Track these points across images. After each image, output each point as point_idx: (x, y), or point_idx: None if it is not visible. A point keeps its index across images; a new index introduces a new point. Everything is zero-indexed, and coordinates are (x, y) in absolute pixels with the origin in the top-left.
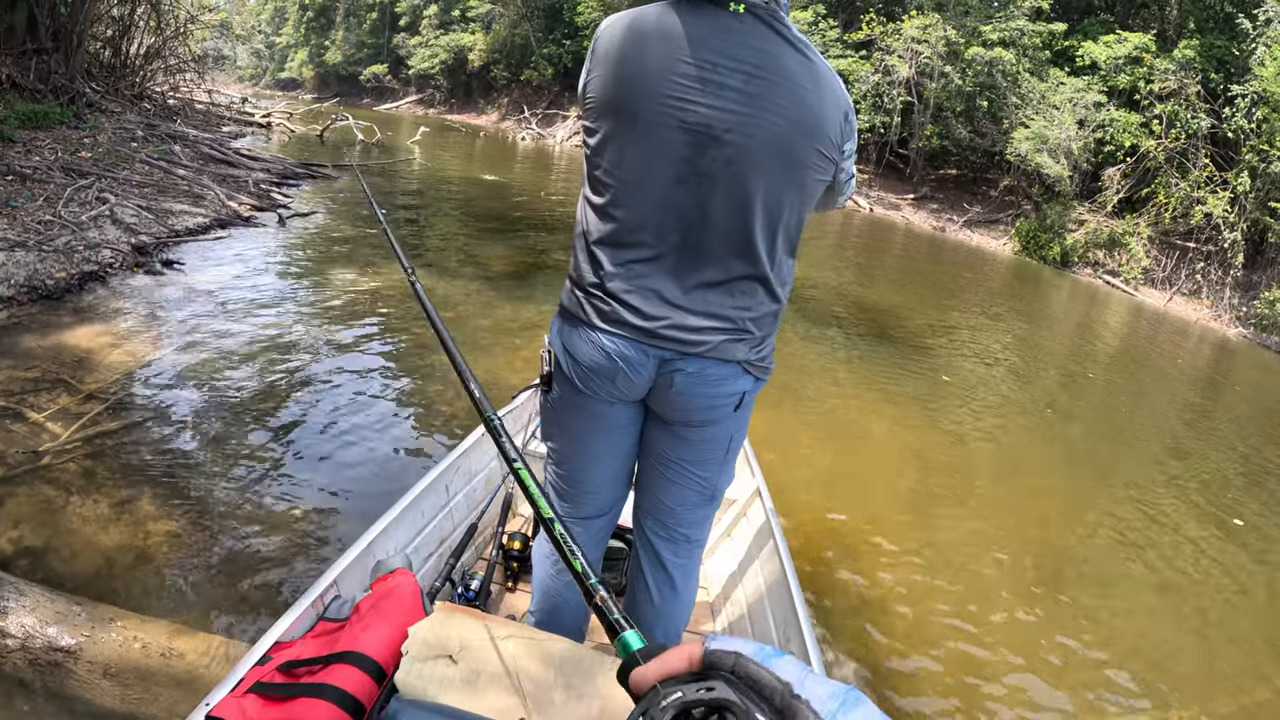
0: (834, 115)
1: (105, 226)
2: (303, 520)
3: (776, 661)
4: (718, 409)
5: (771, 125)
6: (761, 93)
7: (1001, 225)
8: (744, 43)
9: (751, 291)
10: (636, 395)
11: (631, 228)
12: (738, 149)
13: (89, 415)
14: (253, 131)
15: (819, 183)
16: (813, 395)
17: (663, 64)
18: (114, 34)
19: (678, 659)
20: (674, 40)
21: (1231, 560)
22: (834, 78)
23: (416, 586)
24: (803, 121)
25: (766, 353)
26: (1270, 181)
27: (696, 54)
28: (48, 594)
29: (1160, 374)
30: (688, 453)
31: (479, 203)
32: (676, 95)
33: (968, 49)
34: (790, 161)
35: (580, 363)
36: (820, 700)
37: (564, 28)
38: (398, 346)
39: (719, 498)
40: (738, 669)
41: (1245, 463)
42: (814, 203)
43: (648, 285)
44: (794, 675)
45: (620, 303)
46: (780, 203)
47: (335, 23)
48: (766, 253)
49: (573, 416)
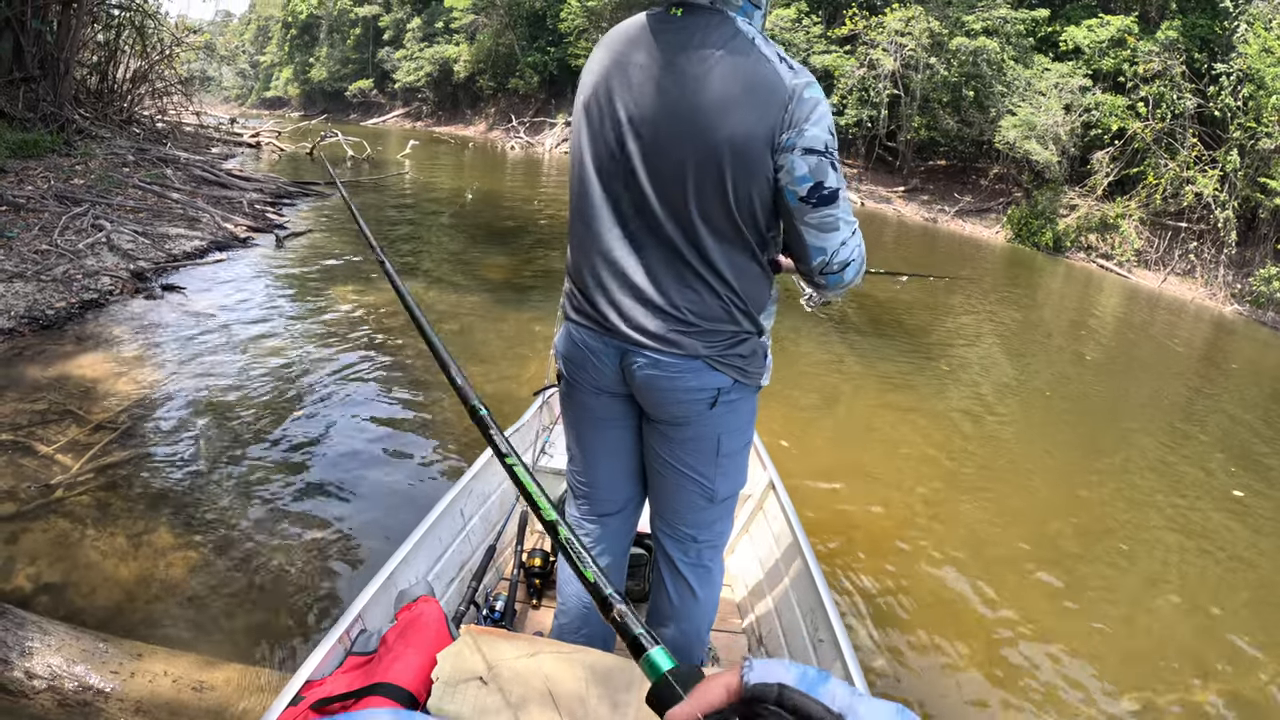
0: (765, 104)
1: (103, 253)
2: (321, 545)
3: (823, 689)
4: (688, 405)
5: (690, 120)
6: (684, 89)
7: (993, 214)
8: (678, 43)
9: (700, 288)
10: (610, 386)
11: (585, 225)
12: (663, 147)
13: (99, 446)
14: (242, 152)
15: (753, 177)
16: (818, 387)
17: (609, 70)
18: (100, 60)
19: (717, 693)
20: (624, 48)
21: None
22: (772, 66)
23: (441, 613)
24: (723, 117)
25: (741, 351)
26: (1259, 158)
27: (640, 57)
28: (72, 632)
29: (1158, 354)
30: (677, 452)
31: (472, 213)
32: (614, 100)
33: (951, 39)
34: (711, 155)
35: (563, 354)
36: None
37: (548, 35)
38: (402, 364)
39: (720, 500)
40: (784, 701)
41: (1247, 439)
42: (761, 195)
43: (603, 279)
44: (844, 701)
45: (584, 296)
46: (711, 200)
47: (319, 40)
48: (713, 249)
49: (570, 409)
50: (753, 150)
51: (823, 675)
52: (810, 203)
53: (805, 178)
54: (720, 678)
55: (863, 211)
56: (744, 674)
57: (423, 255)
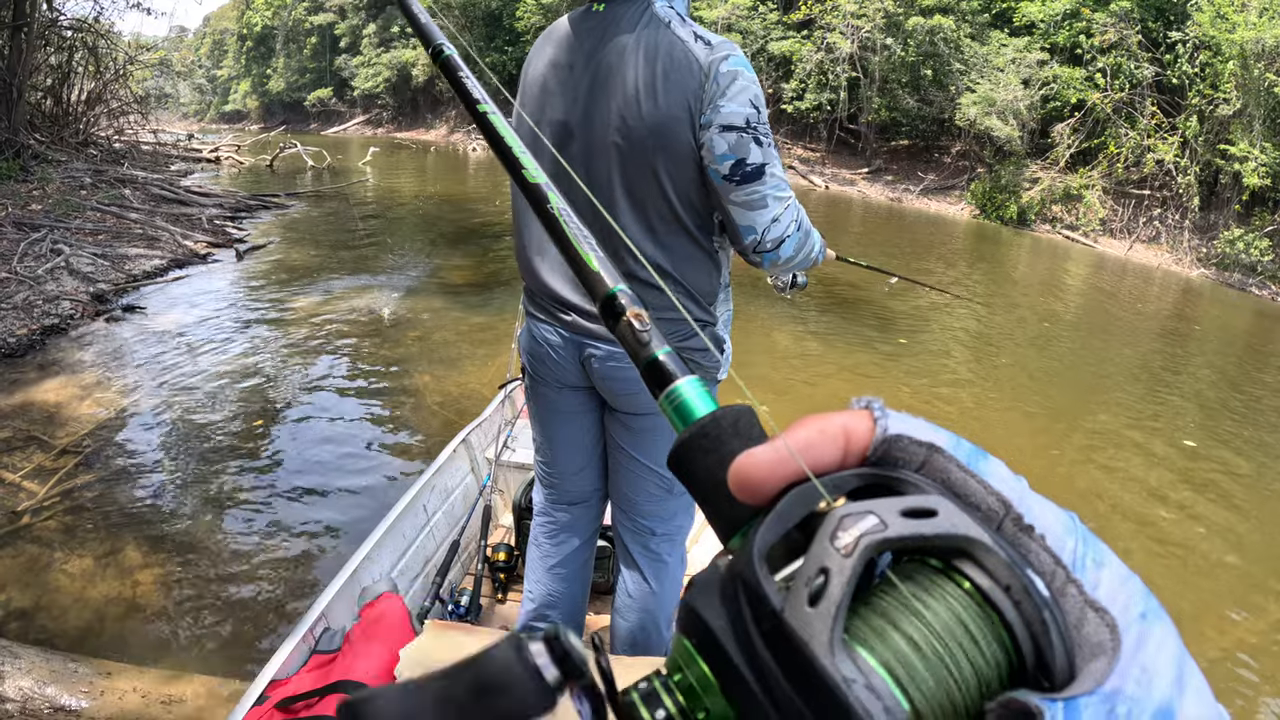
0: (681, 85)
1: (62, 278)
2: (287, 553)
3: (984, 465)
4: (646, 395)
5: (611, 111)
6: (601, 82)
7: (957, 190)
8: (597, 37)
9: (645, 277)
10: (572, 379)
11: (527, 228)
12: (587, 141)
13: (64, 470)
14: (202, 167)
15: (683, 161)
16: (781, 369)
17: (541, 70)
18: (54, 82)
19: (824, 442)
20: (553, 46)
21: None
22: (686, 46)
23: (404, 609)
24: (644, 105)
25: (695, 345)
26: (1218, 123)
27: (562, 56)
28: (42, 654)
29: (1125, 319)
30: (637, 442)
31: (436, 217)
32: (545, 97)
33: (907, 19)
34: (636, 144)
35: (526, 349)
36: (1056, 536)
37: (505, 34)
38: (363, 372)
39: (679, 492)
40: (932, 470)
41: (1204, 390)
42: (692, 179)
43: (551, 278)
44: (1013, 489)
45: (540, 291)
46: (648, 190)
47: (275, 51)
48: (648, 241)
49: (535, 402)
50: (678, 135)
51: (980, 451)
52: (734, 180)
53: (726, 155)
54: (832, 419)
55: (827, 195)
56: (876, 417)
57: (386, 260)
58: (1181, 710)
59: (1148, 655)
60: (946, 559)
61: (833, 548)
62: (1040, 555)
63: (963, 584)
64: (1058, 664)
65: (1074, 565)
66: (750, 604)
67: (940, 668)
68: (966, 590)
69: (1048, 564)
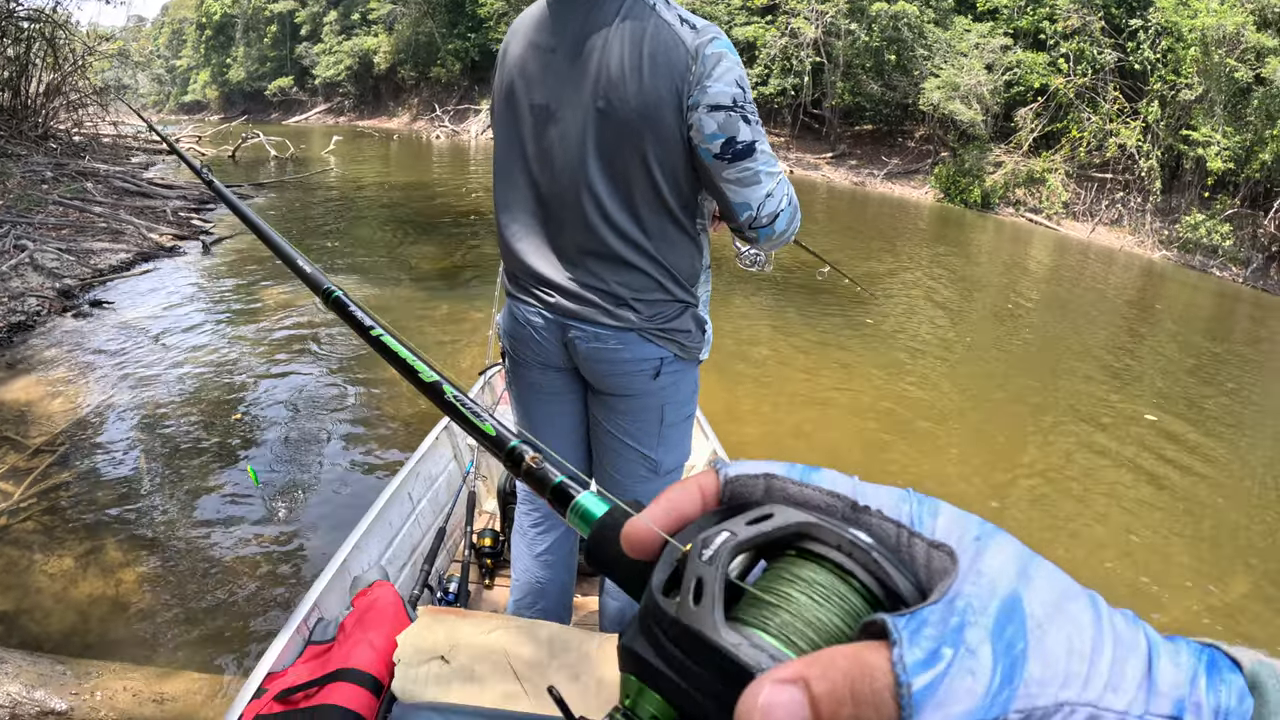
0: (668, 68)
1: (27, 274)
2: (274, 545)
3: (815, 476)
4: (632, 376)
5: (593, 94)
6: (584, 65)
7: (921, 175)
8: (578, 20)
9: (628, 259)
10: (555, 361)
11: (511, 207)
12: (569, 124)
13: (39, 470)
14: (163, 159)
15: (670, 143)
16: (750, 354)
17: (522, 53)
18: (11, 75)
19: (684, 498)
20: (533, 30)
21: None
22: (672, 30)
23: (397, 596)
24: (630, 88)
25: (678, 325)
26: (1180, 108)
27: (542, 39)
28: (28, 658)
29: (1089, 299)
30: (621, 423)
31: (401, 205)
32: (525, 80)
33: (871, 5)
34: (620, 126)
35: (507, 331)
36: (891, 507)
37: (468, 21)
38: (339, 360)
39: (664, 472)
40: (773, 493)
41: (1166, 368)
42: (677, 161)
43: (534, 260)
44: (844, 485)
45: (522, 272)
46: (633, 172)
47: (235, 39)
48: (631, 223)
49: (517, 385)
50: (664, 117)
51: (812, 468)
52: (725, 159)
53: (716, 134)
54: (684, 484)
55: (791, 179)
56: (719, 469)
57: (352, 251)
58: (1030, 596)
59: (985, 562)
60: (796, 546)
61: (701, 561)
62: (881, 524)
63: (809, 556)
64: (905, 592)
65: (913, 522)
66: (657, 622)
67: (808, 617)
68: (812, 559)
69: (889, 530)
